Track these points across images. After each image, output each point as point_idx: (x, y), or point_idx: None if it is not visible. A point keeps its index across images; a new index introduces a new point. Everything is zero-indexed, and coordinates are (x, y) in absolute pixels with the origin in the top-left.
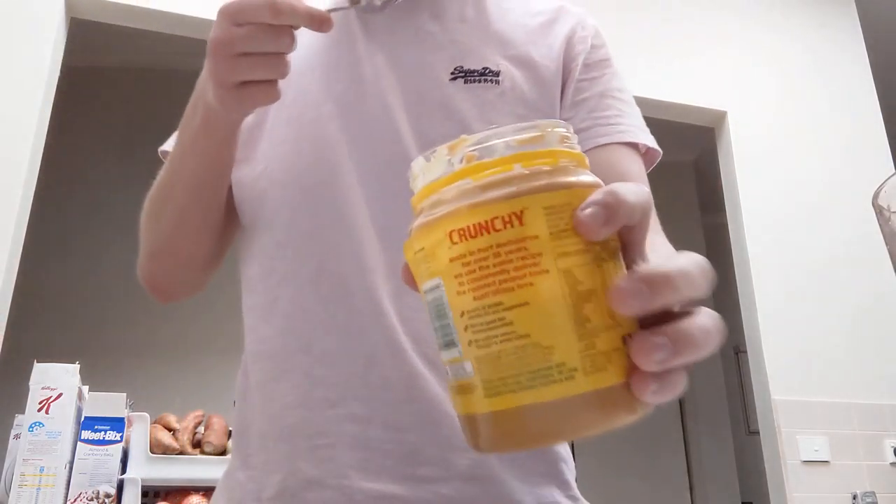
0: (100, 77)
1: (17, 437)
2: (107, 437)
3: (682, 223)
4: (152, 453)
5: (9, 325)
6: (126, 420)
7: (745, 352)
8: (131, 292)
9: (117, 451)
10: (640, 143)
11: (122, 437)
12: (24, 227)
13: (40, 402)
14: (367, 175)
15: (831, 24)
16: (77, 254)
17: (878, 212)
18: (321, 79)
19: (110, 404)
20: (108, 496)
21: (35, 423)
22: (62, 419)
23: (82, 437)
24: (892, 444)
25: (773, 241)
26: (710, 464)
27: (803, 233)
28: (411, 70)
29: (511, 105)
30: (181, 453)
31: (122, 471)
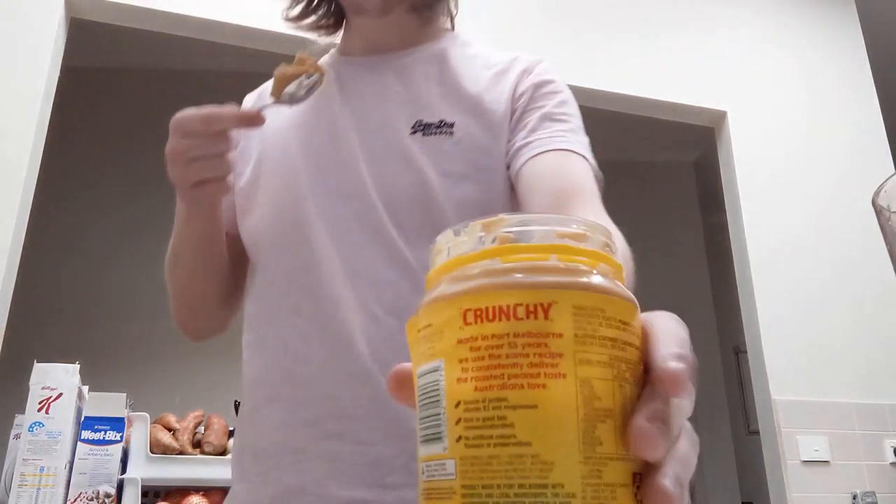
0: (100, 77)
1: (17, 437)
2: (107, 437)
3: (682, 223)
4: (152, 453)
5: (9, 325)
6: (126, 420)
7: (745, 352)
8: (132, 292)
9: (117, 451)
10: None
11: (122, 437)
12: (24, 228)
13: (40, 402)
14: (336, 224)
15: (831, 24)
16: (77, 254)
17: (878, 212)
18: (302, 135)
19: (110, 404)
20: (108, 496)
21: (35, 423)
22: (62, 419)
23: (82, 437)
24: (892, 444)
25: (773, 241)
26: (710, 464)
27: (803, 233)
28: (377, 126)
29: (464, 152)
30: (181, 453)
31: (122, 471)
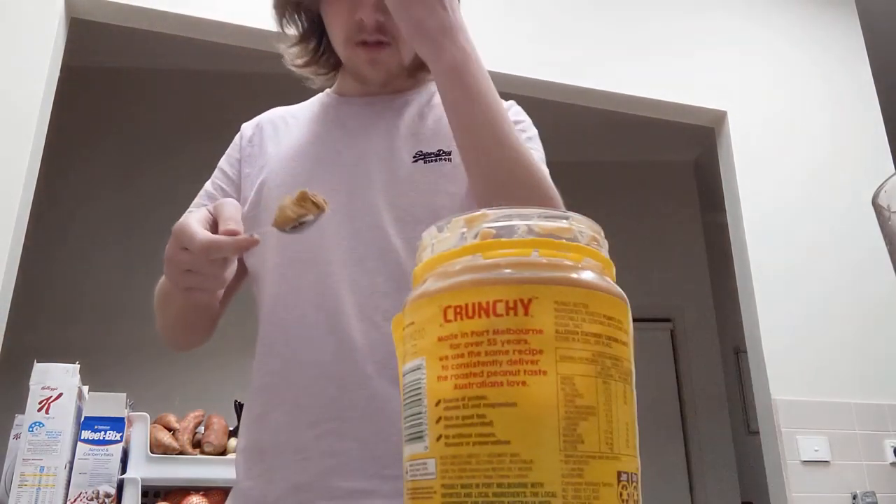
0: (100, 77)
1: (17, 437)
2: (107, 437)
3: (682, 223)
4: (152, 453)
5: (9, 325)
6: (126, 420)
7: (745, 352)
8: (131, 292)
9: (117, 451)
10: None
11: (122, 437)
12: (24, 227)
13: (40, 402)
14: (345, 239)
15: (831, 24)
16: (77, 254)
17: (878, 212)
18: (308, 164)
19: (110, 404)
20: (108, 496)
21: (35, 423)
22: (62, 419)
23: (82, 437)
24: (892, 444)
25: (774, 241)
26: (710, 464)
27: (803, 233)
28: (382, 156)
29: (463, 174)
30: (181, 453)
31: (122, 471)
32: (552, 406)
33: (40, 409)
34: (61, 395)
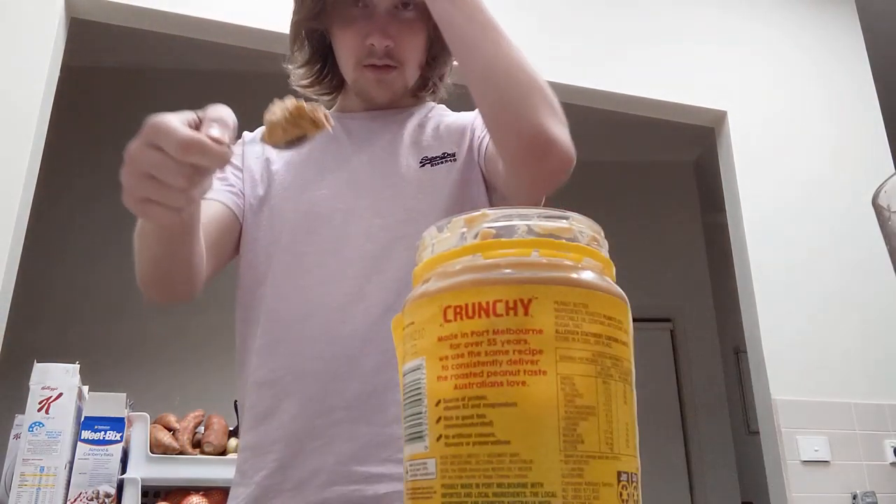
0: (100, 77)
1: (17, 437)
2: (107, 437)
3: (682, 223)
4: (152, 453)
5: (9, 325)
6: (126, 420)
7: (745, 352)
8: (131, 292)
9: (117, 451)
10: None
11: (122, 437)
12: (24, 228)
13: (40, 402)
14: (354, 239)
15: (831, 24)
16: (77, 254)
17: (878, 212)
18: (317, 169)
19: (110, 404)
20: (108, 496)
21: (35, 423)
22: (62, 419)
23: (82, 437)
24: (892, 444)
25: (774, 241)
26: (710, 464)
27: (803, 233)
28: (392, 163)
29: (469, 170)
30: (181, 453)
31: (122, 471)
32: (552, 406)
33: (40, 409)
34: (61, 395)
